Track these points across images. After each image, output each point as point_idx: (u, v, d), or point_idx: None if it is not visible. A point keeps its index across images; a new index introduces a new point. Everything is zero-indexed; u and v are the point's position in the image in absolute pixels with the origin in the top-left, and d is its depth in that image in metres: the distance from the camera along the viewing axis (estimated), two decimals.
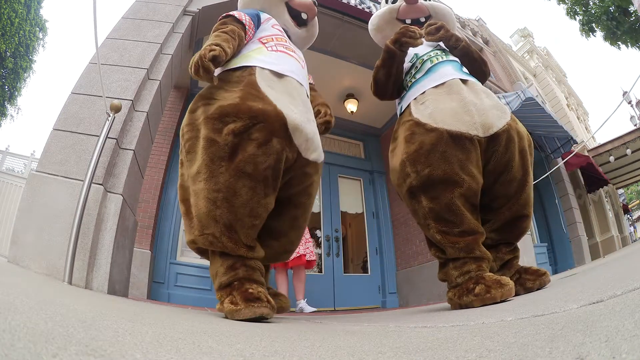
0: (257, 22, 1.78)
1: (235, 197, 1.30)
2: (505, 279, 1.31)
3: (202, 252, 1.43)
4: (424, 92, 1.75)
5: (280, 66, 1.60)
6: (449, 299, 1.50)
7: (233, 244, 1.29)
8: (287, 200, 1.58)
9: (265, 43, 1.69)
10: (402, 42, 1.78)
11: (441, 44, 1.98)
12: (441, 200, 1.48)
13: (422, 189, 1.53)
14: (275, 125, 1.37)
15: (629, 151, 7.34)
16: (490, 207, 1.65)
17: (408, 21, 2.13)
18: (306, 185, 1.62)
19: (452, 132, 1.52)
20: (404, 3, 2.12)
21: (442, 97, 1.67)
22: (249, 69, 1.53)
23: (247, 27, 1.67)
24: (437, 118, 1.59)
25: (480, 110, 1.60)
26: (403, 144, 1.65)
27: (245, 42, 1.66)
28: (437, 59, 1.86)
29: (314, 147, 1.57)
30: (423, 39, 1.83)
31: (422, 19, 2.13)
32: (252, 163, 1.31)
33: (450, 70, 1.79)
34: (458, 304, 1.40)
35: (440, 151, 1.51)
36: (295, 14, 1.98)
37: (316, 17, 2.10)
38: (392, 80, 1.90)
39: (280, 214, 1.57)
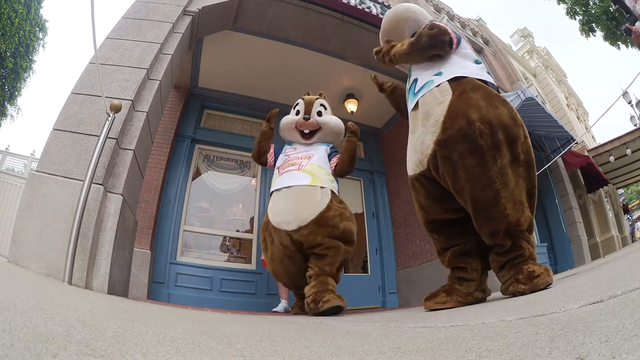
0: (279, 152, 2.92)
1: (277, 270, 2.64)
2: (435, 295, 1.68)
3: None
4: None
5: (280, 185, 2.64)
6: None
7: (291, 287, 2.81)
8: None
9: (279, 169, 2.76)
10: (379, 85, 2.38)
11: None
12: (424, 229, 1.98)
13: None
14: (270, 228, 2.59)
15: (629, 151, 7.33)
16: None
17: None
18: (315, 245, 2.46)
19: (410, 177, 1.94)
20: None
21: (409, 142, 1.98)
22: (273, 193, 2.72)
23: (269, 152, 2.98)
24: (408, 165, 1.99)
25: (420, 144, 1.78)
26: None
27: (268, 163, 2.95)
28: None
29: (296, 224, 2.45)
30: (390, 83, 2.37)
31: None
32: (275, 252, 2.58)
33: (409, 105, 1.99)
34: None
35: (412, 195, 1.98)
36: (301, 132, 2.90)
37: (328, 124, 2.92)
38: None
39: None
